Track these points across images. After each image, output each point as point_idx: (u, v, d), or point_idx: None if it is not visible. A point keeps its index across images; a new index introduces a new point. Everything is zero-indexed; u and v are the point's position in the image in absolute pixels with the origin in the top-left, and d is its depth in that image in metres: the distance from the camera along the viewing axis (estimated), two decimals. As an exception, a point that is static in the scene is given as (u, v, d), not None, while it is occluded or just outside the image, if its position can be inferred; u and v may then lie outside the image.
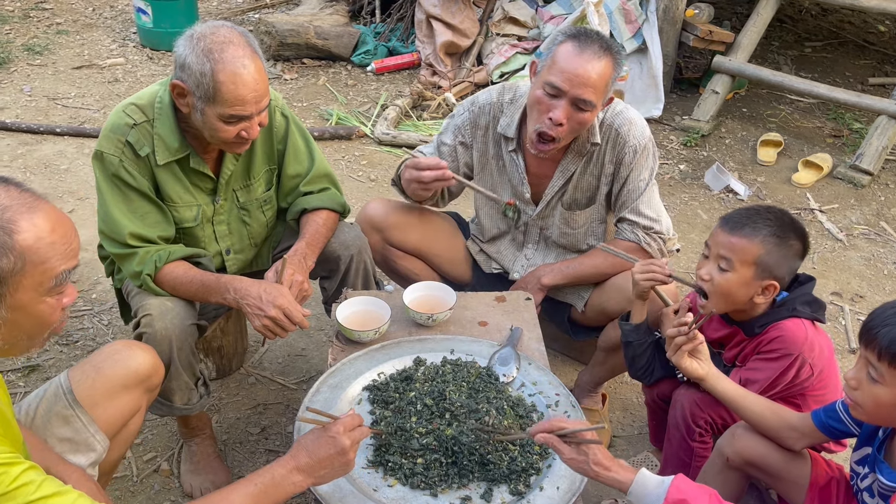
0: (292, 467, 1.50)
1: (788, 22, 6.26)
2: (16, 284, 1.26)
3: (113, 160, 2.03)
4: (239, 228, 2.29)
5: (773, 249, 1.88)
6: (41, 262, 1.27)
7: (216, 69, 1.89)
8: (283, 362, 2.85)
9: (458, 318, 2.23)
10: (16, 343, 1.33)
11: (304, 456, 1.51)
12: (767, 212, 1.93)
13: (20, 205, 1.27)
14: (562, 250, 2.57)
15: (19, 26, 5.65)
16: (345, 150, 4.34)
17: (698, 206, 4.01)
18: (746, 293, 1.93)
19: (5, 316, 1.28)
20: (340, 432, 1.53)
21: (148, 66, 5.23)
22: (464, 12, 5.10)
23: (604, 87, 2.15)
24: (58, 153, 4.13)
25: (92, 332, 2.92)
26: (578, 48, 2.14)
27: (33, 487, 1.23)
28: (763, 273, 1.90)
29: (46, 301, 1.31)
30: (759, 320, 1.98)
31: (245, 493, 1.45)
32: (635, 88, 4.72)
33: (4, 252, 1.23)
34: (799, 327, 1.92)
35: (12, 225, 1.24)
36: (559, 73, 2.14)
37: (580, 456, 1.57)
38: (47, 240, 1.28)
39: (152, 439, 2.49)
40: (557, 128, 2.18)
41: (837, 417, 1.75)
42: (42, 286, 1.29)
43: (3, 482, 1.20)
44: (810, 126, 4.86)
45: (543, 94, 2.17)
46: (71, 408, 1.67)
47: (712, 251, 1.95)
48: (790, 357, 1.92)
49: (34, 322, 1.32)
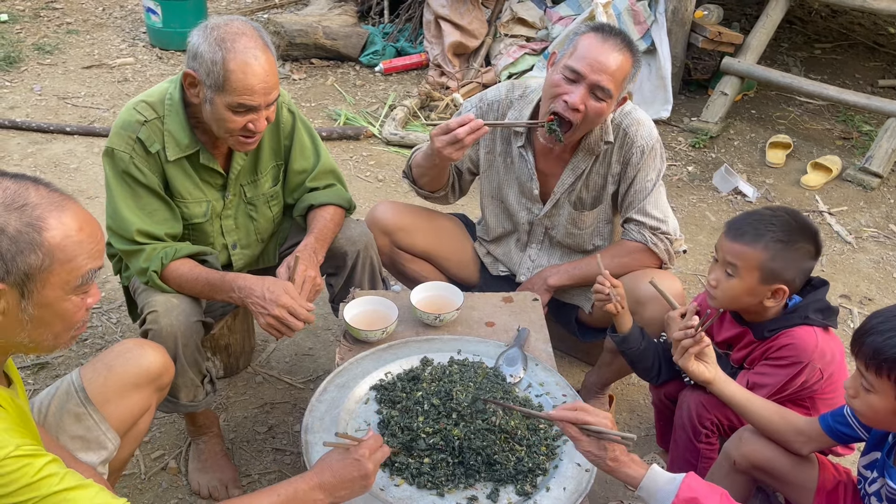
0: (315, 484, 1.51)
1: (798, 23, 6.23)
2: (43, 281, 1.28)
3: (123, 157, 2.04)
4: (246, 223, 2.30)
5: (778, 255, 1.87)
6: (68, 260, 1.29)
7: (227, 58, 1.91)
8: (291, 361, 2.86)
9: (465, 319, 2.23)
10: (41, 341, 1.34)
11: (328, 475, 1.52)
12: (773, 216, 1.91)
13: (49, 203, 1.28)
14: (566, 250, 2.56)
15: (30, 26, 5.68)
16: (353, 151, 4.35)
17: (706, 208, 4.00)
18: (754, 298, 1.92)
19: (32, 313, 1.29)
20: (366, 456, 1.54)
21: (157, 65, 5.25)
22: (472, 13, 5.10)
23: (622, 79, 2.16)
24: (68, 152, 4.15)
25: (101, 331, 2.93)
26: (601, 38, 2.16)
27: (56, 479, 1.24)
28: (769, 278, 1.89)
29: (72, 300, 1.33)
30: (770, 324, 1.97)
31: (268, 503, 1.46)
32: (644, 90, 4.71)
33: (33, 249, 1.25)
34: (810, 335, 1.91)
35: (41, 222, 1.26)
36: (580, 59, 2.15)
37: (599, 451, 1.56)
38: (75, 238, 1.29)
39: (160, 437, 2.50)
40: (573, 112, 2.17)
41: (846, 422, 1.74)
42: (68, 284, 1.31)
43: (27, 473, 1.22)
44: (819, 128, 4.84)
45: (562, 77, 2.18)
46: (83, 405, 1.68)
47: (719, 257, 1.96)
48: (800, 365, 1.91)
49: (59, 320, 1.33)
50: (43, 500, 1.23)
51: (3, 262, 1.23)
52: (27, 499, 1.22)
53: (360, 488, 1.55)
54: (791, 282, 1.91)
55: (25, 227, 1.24)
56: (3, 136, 4.24)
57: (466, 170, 2.55)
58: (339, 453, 1.56)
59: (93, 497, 1.28)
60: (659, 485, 1.53)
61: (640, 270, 2.37)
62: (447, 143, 2.17)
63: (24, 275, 1.25)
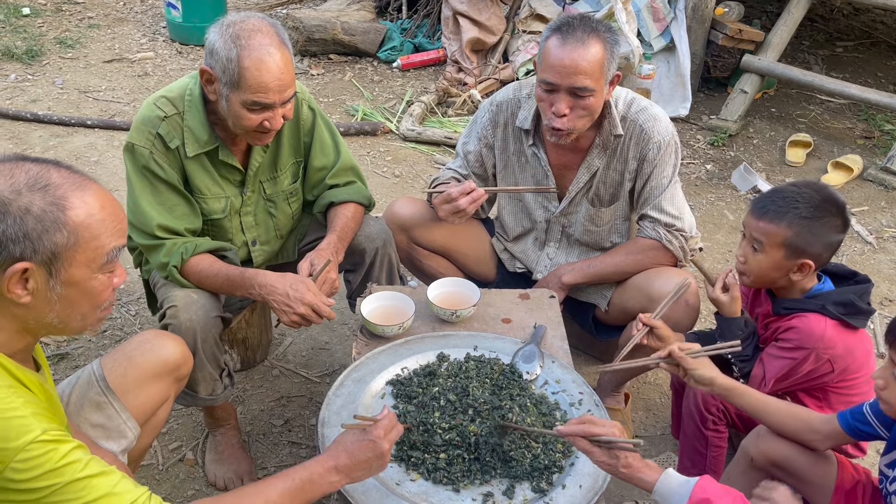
0: (331, 467, 1.51)
1: (819, 21, 6.17)
2: (69, 260, 1.30)
3: (143, 152, 2.06)
4: (265, 220, 2.31)
5: (802, 231, 1.89)
6: (93, 238, 1.31)
7: (242, 55, 1.92)
8: (307, 355, 2.87)
9: (481, 315, 2.23)
10: (69, 322, 1.36)
11: (343, 457, 1.52)
12: (798, 192, 1.93)
13: (71, 183, 1.31)
14: (584, 248, 2.56)
15: (52, 20, 5.73)
16: (370, 146, 4.35)
17: (724, 207, 3.97)
18: (780, 272, 1.96)
19: (60, 292, 1.31)
20: (381, 436, 1.54)
21: (177, 60, 5.28)
22: (490, 9, 5.09)
23: (599, 69, 2.14)
24: (88, 145, 4.19)
25: (119, 322, 2.96)
26: (562, 39, 2.14)
27: (80, 465, 1.25)
28: (794, 253, 1.91)
29: (98, 278, 1.35)
30: (788, 302, 1.99)
31: (282, 489, 1.46)
32: (662, 87, 4.69)
33: (58, 227, 1.27)
34: (818, 323, 1.92)
35: (64, 201, 1.28)
36: (549, 69, 2.15)
37: (611, 460, 1.57)
38: (98, 216, 1.32)
39: (178, 429, 2.52)
40: (562, 119, 2.18)
41: (865, 420, 1.73)
42: (94, 262, 1.33)
43: (52, 458, 1.23)
44: (841, 127, 4.79)
45: (542, 91, 2.20)
46: (104, 395, 1.70)
47: (746, 233, 1.99)
48: (804, 350, 1.92)
49: (87, 299, 1.35)
50: (65, 486, 1.24)
51: (30, 242, 1.25)
52: (50, 484, 1.23)
53: (376, 468, 1.55)
54: (817, 256, 1.92)
55: (50, 207, 1.27)
56: (26, 129, 4.29)
57: (492, 175, 2.56)
58: (353, 434, 1.56)
59: (115, 484, 1.28)
60: (672, 488, 1.54)
61: (655, 268, 2.36)
62: (450, 213, 2.33)
63: (50, 253, 1.27)
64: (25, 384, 1.33)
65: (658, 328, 2.05)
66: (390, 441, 1.56)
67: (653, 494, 1.56)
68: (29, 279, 1.28)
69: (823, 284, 2.00)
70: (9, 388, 1.26)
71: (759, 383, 1.99)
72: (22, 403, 1.25)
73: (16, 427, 1.22)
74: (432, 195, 2.43)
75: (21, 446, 1.21)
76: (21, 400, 1.26)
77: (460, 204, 2.30)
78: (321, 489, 1.50)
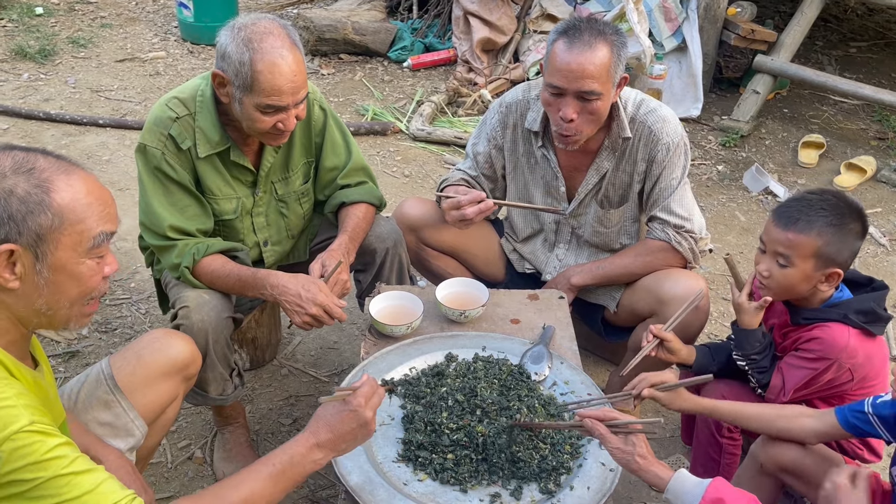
0: (312, 444, 1.46)
1: (833, 21, 6.12)
2: (55, 242, 1.30)
3: (155, 153, 2.07)
4: (277, 220, 2.32)
5: (832, 239, 1.84)
6: (78, 221, 1.31)
7: (255, 58, 1.92)
8: (316, 354, 2.88)
9: (490, 315, 2.23)
10: (58, 310, 1.35)
11: (324, 432, 1.47)
12: (821, 200, 1.88)
13: (56, 168, 1.32)
14: (594, 250, 2.55)
15: (65, 19, 5.77)
16: (380, 146, 4.36)
17: (736, 208, 3.95)
18: (808, 284, 1.90)
19: (47, 277, 1.31)
20: (363, 405, 1.48)
21: (188, 59, 5.30)
22: (501, 9, 5.08)
23: (606, 72, 2.13)
24: (100, 144, 4.22)
25: (130, 321, 2.98)
26: (568, 43, 2.12)
27: (66, 462, 1.23)
28: (824, 263, 1.86)
29: (86, 263, 1.35)
30: (808, 312, 1.95)
31: (265, 475, 1.41)
32: (674, 87, 4.66)
33: (42, 209, 1.28)
34: (841, 333, 1.89)
35: (49, 184, 1.29)
36: (556, 73, 2.14)
37: (626, 446, 1.57)
38: (83, 200, 1.32)
39: (187, 427, 2.54)
40: (570, 124, 2.18)
41: (866, 420, 1.71)
42: (80, 246, 1.33)
43: (38, 451, 1.21)
44: (854, 128, 4.76)
45: (549, 95, 2.19)
46: (112, 393, 1.71)
47: (768, 247, 1.92)
48: (826, 361, 1.90)
49: (75, 284, 1.35)
50: (48, 481, 1.21)
51: (14, 224, 1.26)
52: (33, 478, 1.20)
53: (361, 437, 1.51)
54: (844, 264, 1.88)
55: (34, 189, 1.28)
56: (38, 128, 4.32)
57: (501, 177, 2.55)
58: (333, 407, 1.50)
59: (99, 483, 1.26)
60: (686, 487, 1.53)
61: (664, 270, 2.35)
62: (457, 219, 2.35)
63: (35, 235, 1.28)
64: (19, 380, 1.32)
65: (669, 341, 2.04)
66: (372, 407, 1.50)
67: (665, 493, 1.56)
68: (16, 263, 1.28)
69: (842, 293, 1.96)
70: (2, 380, 1.26)
71: (777, 393, 1.97)
72: (14, 394, 1.24)
73: (4, 416, 1.21)
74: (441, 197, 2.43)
75: (7, 435, 1.20)
76: (13, 391, 1.25)
77: (467, 213, 2.30)
78: (305, 469, 1.46)
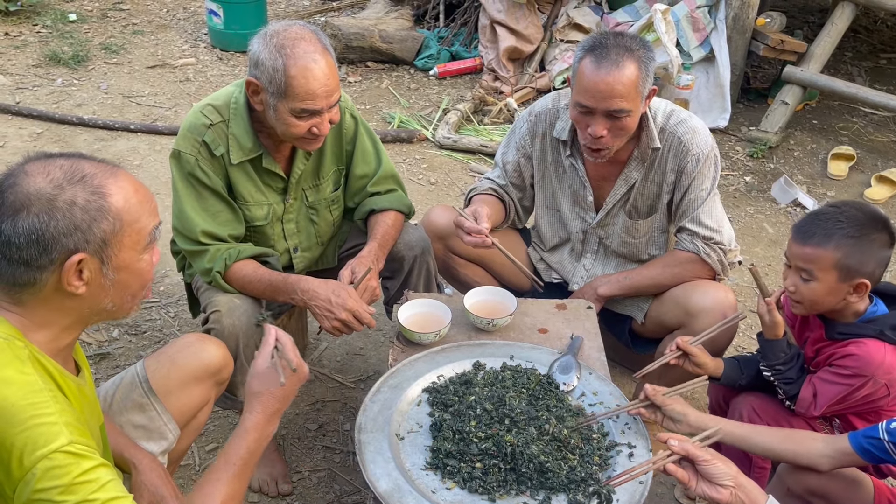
0: (262, 423, 1.52)
1: (863, 32, 6.06)
2: (118, 245, 1.33)
3: (189, 159, 2.10)
4: (307, 227, 2.34)
5: (852, 251, 1.83)
6: (135, 221, 1.35)
7: (288, 64, 1.94)
8: (342, 361, 2.90)
9: (517, 325, 2.23)
10: (122, 304, 1.40)
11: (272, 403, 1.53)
12: (839, 213, 1.88)
13: (103, 171, 1.35)
14: (622, 260, 2.54)
15: (97, 26, 5.87)
16: (406, 154, 4.38)
17: (764, 220, 3.92)
18: (836, 297, 1.89)
19: (113, 278, 1.35)
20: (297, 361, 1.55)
21: (218, 66, 5.37)
22: (528, 18, 5.09)
23: (634, 89, 2.12)
24: (131, 149, 4.28)
25: (159, 324, 3.02)
26: (596, 62, 2.10)
27: (95, 486, 1.21)
28: (848, 275, 1.85)
29: (144, 258, 1.39)
30: (843, 327, 1.93)
31: (230, 478, 1.46)
32: (701, 97, 4.64)
33: (103, 215, 1.31)
34: (878, 350, 1.87)
35: (103, 189, 1.32)
36: (584, 92, 2.13)
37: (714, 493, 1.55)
38: (134, 199, 1.36)
39: (214, 430, 2.56)
40: (600, 140, 2.17)
41: (882, 447, 1.67)
42: (139, 244, 1.37)
43: (70, 473, 1.20)
44: (885, 140, 4.70)
45: (577, 113, 2.18)
46: (146, 396, 1.73)
47: (791, 263, 1.93)
48: (862, 378, 1.87)
49: (136, 279, 1.39)
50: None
51: (80, 233, 1.29)
52: (61, 500, 1.19)
53: (298, 382, 1.58)
54: (871, 274, 1.86)
55: (92, 196, 1.30)
56: (71, 133, 4.40)
57: (530, 185, 2.56)
58: (259, 377, 1.55)
59: None
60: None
61: (693, 282, 2.33)
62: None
63: (101, 241, 1.31)
64: (63, 390, 1.33)
65: (695, 355, 2.03)
66: (298, 356, 1.56)
67: None
68: (83, 269, 1.31)
69: (876, 307, 1.94)
70: (49, 393, 1.26)
71: (808, 406, 1.95)
72: (58, 410, 1.25)
73: (45, 434, 1.21)
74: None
75: (45, 454, 1.20)
76: (57, 406, 1.25)
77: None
78: (262, 448, 1.53)
